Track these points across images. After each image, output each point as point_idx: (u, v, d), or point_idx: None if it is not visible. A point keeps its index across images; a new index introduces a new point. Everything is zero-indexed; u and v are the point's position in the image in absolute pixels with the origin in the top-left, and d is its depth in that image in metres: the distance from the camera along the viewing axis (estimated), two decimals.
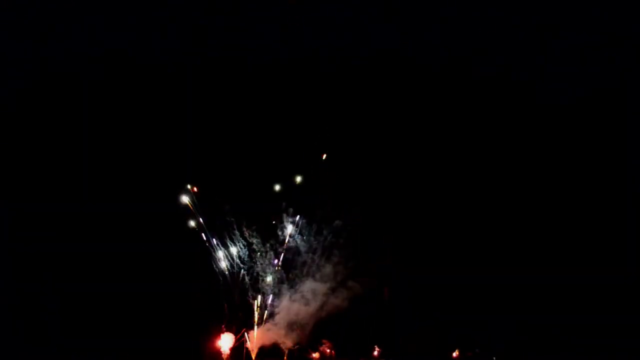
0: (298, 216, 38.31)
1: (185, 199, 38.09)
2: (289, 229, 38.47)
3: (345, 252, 38.10)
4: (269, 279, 38.61)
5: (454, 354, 38.44)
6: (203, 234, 38.50)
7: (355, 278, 37.86)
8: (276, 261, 38.68)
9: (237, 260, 38.68)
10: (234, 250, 38.61)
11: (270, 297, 38.68)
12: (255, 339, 38.53)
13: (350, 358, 38.46)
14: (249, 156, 38.43)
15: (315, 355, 38.56)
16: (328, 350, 38.58)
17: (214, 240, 38.54)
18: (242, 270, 38.64)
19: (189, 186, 38.04)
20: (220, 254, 38.59)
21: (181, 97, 39.93)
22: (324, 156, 38.22)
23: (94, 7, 39.29)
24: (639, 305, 36.30)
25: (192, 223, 38.34)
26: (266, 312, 38.68)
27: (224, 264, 38.58)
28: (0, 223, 38.94)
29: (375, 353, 38.60)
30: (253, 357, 38.50)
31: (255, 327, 38.55)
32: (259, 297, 38.68)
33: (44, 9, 38.74)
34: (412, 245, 38.13)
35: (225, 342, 38.37)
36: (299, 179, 37.91)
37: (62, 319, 38.35)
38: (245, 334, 38.41)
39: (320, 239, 38.44)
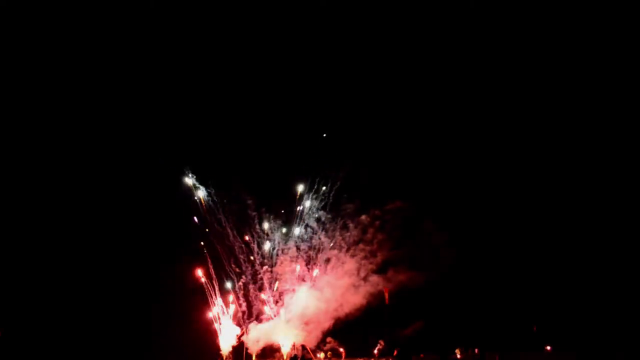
0: (322, 211, 38.07)
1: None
2: (313, 224, 38.30)
3: (371, 247, 37.88)
4: (287, 274, 38.18)
5: (456, 354, 38.51)
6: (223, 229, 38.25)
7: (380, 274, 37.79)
8: (297, 257, 38.38)
9: (258, 256, 38.33)
10: (255, 245, 38.27)
11: (289, 293, 38.17)
12: (263, 334, 37.93)
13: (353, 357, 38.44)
14: (272, 148, 38.31)
15: (321, 356, 38.28)
16: (340, 350, 38.40)
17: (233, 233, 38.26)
18: (264, 266, 38.27)
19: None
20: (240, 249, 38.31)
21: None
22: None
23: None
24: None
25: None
26: (281, 308, 38.18)
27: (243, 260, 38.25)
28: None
29: (376, 352, 38.38)
30: (253, 357, 38.13)
31: (266, 322, 38.10)
32: (275, 292, 38.22)
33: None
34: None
35: (226, 340, 38.16)
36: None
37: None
38: (251, 328, 37.98)
39: (345, 234, 38.29)
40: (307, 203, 38.43)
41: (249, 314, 38.24)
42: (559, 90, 39.12)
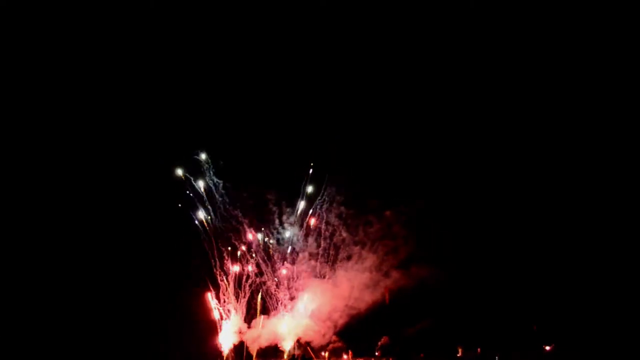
0: (344, 207, 37.49)
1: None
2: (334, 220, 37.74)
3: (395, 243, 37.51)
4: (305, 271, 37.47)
5: (458, 353, 38.69)
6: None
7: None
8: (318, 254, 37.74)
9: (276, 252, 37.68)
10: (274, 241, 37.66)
11: (305, 289, 37.42)
12: (270, 330, 37.31)
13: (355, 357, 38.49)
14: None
15: (324, 355, 38.12)
16: (345, 357, 38.31)
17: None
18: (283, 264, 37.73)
19: None
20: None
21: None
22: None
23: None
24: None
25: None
26: (295, 304, 37.51)
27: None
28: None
29: (378, 352, 38.39)
30: (254, 356, 37.79)
31: (274, 317, 37.51)
32: (291, 289, 37.55)
33: None
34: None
35: (227, 339, 38.01)
36: None
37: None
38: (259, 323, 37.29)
39: (369, 230, 37.67)
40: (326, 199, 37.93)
41: (262, 310, 37.81)
42: (564, 97, 39.63)
